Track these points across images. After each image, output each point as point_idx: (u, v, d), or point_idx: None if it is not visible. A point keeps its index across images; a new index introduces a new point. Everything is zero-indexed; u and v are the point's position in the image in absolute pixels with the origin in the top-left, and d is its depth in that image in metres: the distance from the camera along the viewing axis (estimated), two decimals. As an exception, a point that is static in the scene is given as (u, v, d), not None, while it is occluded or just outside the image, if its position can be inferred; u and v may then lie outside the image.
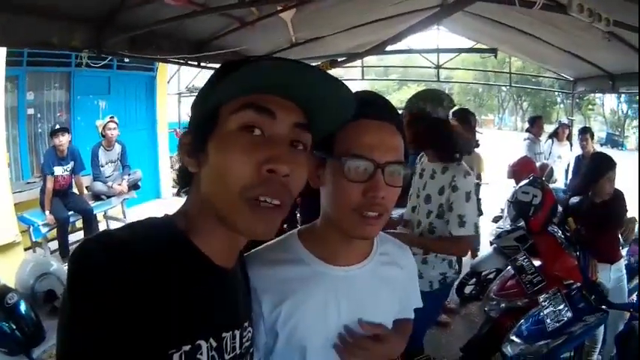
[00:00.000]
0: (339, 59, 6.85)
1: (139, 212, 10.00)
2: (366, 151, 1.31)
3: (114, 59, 10.00)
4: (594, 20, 3.80)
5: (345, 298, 1.47)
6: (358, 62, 13.29)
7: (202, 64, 7.45)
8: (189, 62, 7.42)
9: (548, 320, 3.69)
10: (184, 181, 1.18)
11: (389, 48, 6.27)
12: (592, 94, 24.61)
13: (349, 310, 1.47)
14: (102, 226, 8.43)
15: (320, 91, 1.09)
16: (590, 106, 48.82)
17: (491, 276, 6.55)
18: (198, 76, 15.47)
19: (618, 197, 4.52)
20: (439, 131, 3.52)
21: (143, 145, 11.81)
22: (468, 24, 9.42)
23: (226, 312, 1.15)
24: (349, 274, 1.49)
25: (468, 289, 6.77)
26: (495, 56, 8.28)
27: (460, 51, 11.70)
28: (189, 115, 1.16)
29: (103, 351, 0.85)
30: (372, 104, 1.38)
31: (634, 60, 6.43)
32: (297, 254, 1.48)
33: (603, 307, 3.70)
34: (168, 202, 12.32)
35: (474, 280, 6.73)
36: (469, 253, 6.01)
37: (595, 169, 4.54)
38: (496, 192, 9.59)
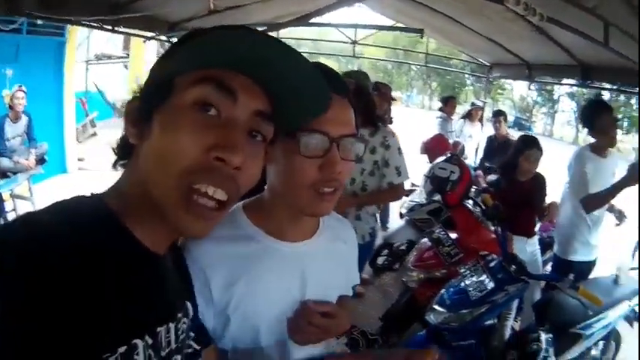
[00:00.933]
0: (259, 29, 6.73)
1: (45, 188, 9.37)
2: (321, 125, 1.25)
3: (24, 23, 9.36)
4: (529, 14, 4.02)
5: (296, 275, 1.45)
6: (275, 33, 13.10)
7: (117, 28, 7.12)
8: (104, 26, 6.89)
9: (471, 290, 3.90)
10: (123, 152, 1.03)
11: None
12: (503, 80, 25.43)
13: (301, 286, 1.45)
14: (8, 206, 7.81)
15: (293, 80, 1.00)
16: (500, 91, 50.52)
17: (403, 247, 6.78)
18: (109, 42, 14.88)
19: (539, 179, 4.85)
20: (366, 99, 3.86)
21: (49, 116, 11.06)
22: (390, 3, 9.58)
23: (161, 304, 1.01)
24: (299, 250, 1.47)
25: (380, 260, 6.98)
26: (422, 36, 8.44)
27: (386, 28, 11.64)
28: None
29: (28, 352, 0.71)
30: (327, 78, 1.39)
31: (553, 52, 6.85)
32: (246, 230, 1.42)
33: (523, 277, 3.96)
34: (74, 177, 11.38)
35: (387, 251, 6.95)
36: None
37: (521, 149, 4.80)
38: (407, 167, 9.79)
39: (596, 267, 4.93)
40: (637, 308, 4.57)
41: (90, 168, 11.71)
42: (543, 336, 3.84)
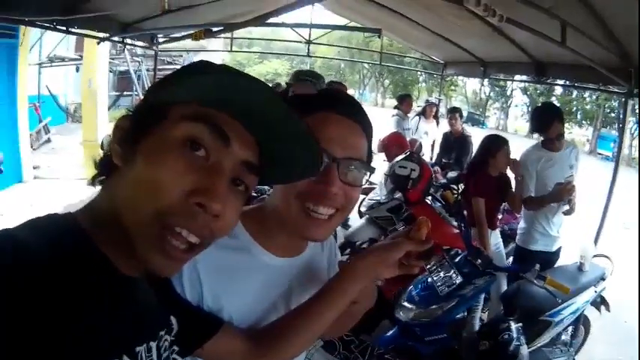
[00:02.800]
0: (214, 29, 6.65)
1: (2, 200, 9.27)
2: (324, 143, 1.18)
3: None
4: (488, 15, 4.11)
5: (283, 290, 1.44)
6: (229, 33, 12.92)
7: (71, 29, 6.95)
8: (59, 27, 6.69)
9: (439, 285, 3.99)
10: (104, 169, 0.95)
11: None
12: (455, 77, 25.82)
13: (285, 301, 1.45)
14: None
15: (287, 139, 0.99)
16: (452, 87, 51.19)
17: (364, 246, 6.71)
18: (61, 44, 14.54)
19: (505, 174, 5.00)
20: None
21: (2, 122, 10.60)
22: (346, 3, 9.68)
23: (138, 324, 0.97)
24: (289, 266, 1.46)
25: (343, 259, 6.99)
26: (379, 36, 8.50)
27: (345, 28, 11.74)
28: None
29: None
30: (339, 99, 1.37)
31: (507, 50, 7.05)
32: (242, 241, 1.37)
33: (490, 270, 4.07)
34: (31, 187, 10.96)
35: (349, 250, 7.02)
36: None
37: (492, 145, 4.94)
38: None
39: (561, 257, 5.14)
40: (603, 293, 4.80)
41: (46, 176, 11.35)
42: (513, 325, 3.95)
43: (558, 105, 49.87)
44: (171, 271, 0.91)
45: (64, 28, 6.76)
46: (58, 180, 9.88)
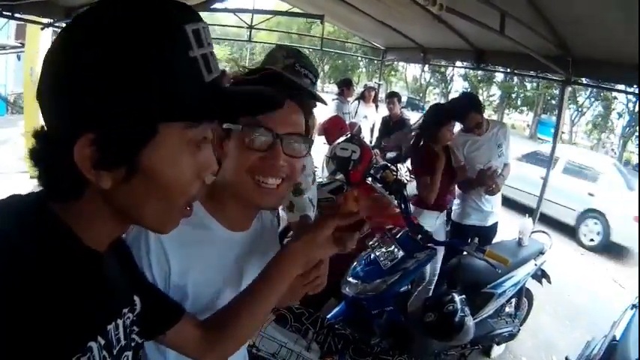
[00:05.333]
0: None
1: None
2: (267, 122, 1.37)
3: None
4: (429, 3, 4.25)
5: (237, 264, 1.55)
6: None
7: (16, 14, 6.80)
8: (4, 12, 6.56)
9: (382, 260, 4.11)
10: (70, 189, 0.86)
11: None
12: (396, 62, 26.02)
13: (238, 274, 1.55)
14: None
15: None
16: (392, 72, 51.47)
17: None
18: (1, 31, 14.00)
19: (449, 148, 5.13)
20: None
21: None
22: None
23: (107, 301, 0.97)
24: (242, 240, 1.57)
25: (285, 241, 7.04)
26: (322, 22, 8.54)
27: (288, 14, 11.69)
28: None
29: None
30: (279, 82, 1.51)
31: (448, 37, 7.25)
32: (200, 218, 1.46)
33: (430, 245, 4.23)
34: None
35: (292, 232, 7.10)
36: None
37: (441, 117, 5.04)
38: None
39: (499, 232, 5.43)
40: (543, 267, 5.08)
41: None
42: (457, 297, 4.11)
43: (500, 92, 51.12)
44: (175, 227, 0.98)
45: (9, 14, 6.56)
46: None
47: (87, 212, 0.88)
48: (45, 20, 7.95)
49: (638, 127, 35.14)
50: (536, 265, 4.91)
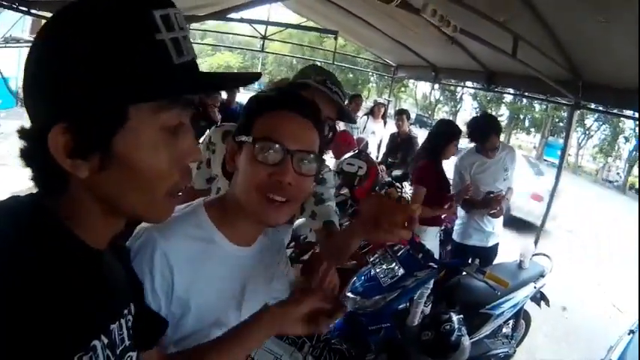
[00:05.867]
0: None
1: None
2: (279, 137, 1.36)
3: None
4: (443, 25, 4.29)
5: (239, 280, 1.51)
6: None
7: (32, 10, 6.59)
8: (20, 7, 6.35)
9: (382, 277, 4.13)
10: (54, 183, 0.87)
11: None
12: (406, 79, 26.08)
13: (240, 290, 1.52)
14: None
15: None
16: (402, 89, 51.45)
17: (308, 239, 6.93)
18: (17, 25, 13.95)
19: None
20: None
21: None
22: (304, 2, 9.77)
23: (109, 300, 0.96)
24: (245, 255, 1.53)
25: (288, 252, 7.05)
26: (336, 38, 8.58)
27: (304, 28, 11.75)
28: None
29: None
30: (295, 99, 1.49)
31: (460, 58, 7.32)
32: (207, 232, 1.45)
33: (431, 264, 4.23)
34: None
35: (294, 244, 7.11)
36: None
37: (448, 132, 5.07)
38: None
39: (503, 256, 5.41)
40: (542, 289, 5.08)
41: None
42: (454, 317, 4.10)
43: (508, 112, 51.08)
44: (170, 215, 0.99)
45: (26, 9, 6.45)
46: (5, 166, 9.45)
47: (77, 207, 0.88)
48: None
49: (638, 151, 35.07)
50: (535, 287, 4.91)
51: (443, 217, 5.30)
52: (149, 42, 0.81)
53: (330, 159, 6.60)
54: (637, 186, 42.76)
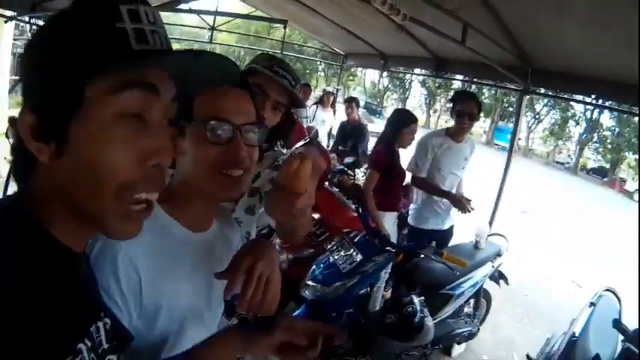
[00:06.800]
0: None
1: None
2: (226, 115, 1.38)
3: None
4: (393, 13, 4.33)
5: (205, 264, 1.48)
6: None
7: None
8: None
9: (341, 263, 4.16)
10: (23, 170, 0.91)
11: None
12: (355, 67, 26.13)
13: (208, 273, 1.45)
14: None
15: (189, 57, 0.94)
16: (351, 77, 51.49)
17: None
18: None
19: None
20: None
21: None
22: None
23: (87, 303, 0.96)
24: (205, 239, 1.51)
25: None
26: (285, 27, 8.57)
27: (252, 18, 11.68)
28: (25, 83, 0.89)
29: None
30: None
31: (409, 45, 7.37)
32: (161, 221, 1.40)
33: (388, 248, 4.29)
34: None
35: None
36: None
37: (401, 120, 5.20)
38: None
39: (458, 237, 5.59)
40: (500, 269, 5.23)
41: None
42: (416, 299, 4.19)
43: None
44: (135, 232, 0.94)
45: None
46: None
47: (43, 199, 0.87)
48: (8, 13, 7.79)
49: (638, 143, 35.93)
50: (493, 266, 5.04)
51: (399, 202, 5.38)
52: (109, 30, 0.83)
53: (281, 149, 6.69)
54: (588, 167, 44.09)
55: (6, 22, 8.41)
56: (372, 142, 6.95)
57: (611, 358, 3.58)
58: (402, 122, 5.16)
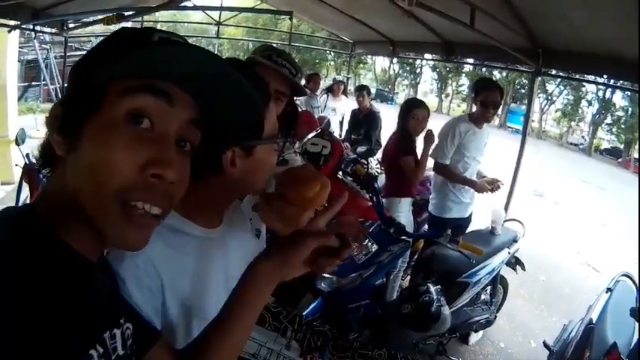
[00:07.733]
0: (126, 13, 6.62)
1: None
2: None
3: None
4: (400, -1, 4.28)
5: (220, 260, 1.47)
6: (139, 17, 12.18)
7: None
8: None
9: (356, 254, 4.14)
10: (47, 159, 0.93)
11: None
12: (364, 55, 26.15)
13: (225, 269, 1.47)
14: None
15: (226, 93, 0.98)
16: (361, 65, 51.48)
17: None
18: None
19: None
20: None
21: None
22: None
23: (102, 309, 0.94)
24: (217, 235, 1.47)
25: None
26: (290, 18, 8.53)
27: (258, 11, 11.69)
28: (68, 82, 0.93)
29: None
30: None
31: (417, 31, 7.29)
32: (174, 222, 1.35)
33: (404, 237, 4.27)
34: None
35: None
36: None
37: (410, 105, 5.27)
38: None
39: (474, 223, 5.54)
40: (517, 254, 5.18)
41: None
42: (432, 288, 4.14)
43: (468, 82, 51.54)
44: (143, 241, 0.91)
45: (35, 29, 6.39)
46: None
47: (58, 207, 0.87)
48: (12, 22, 7.74)
49: (638, 127, 35.62)
50: (509, 253, 5.00)
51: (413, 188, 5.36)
52: (139, 44, 0.88)
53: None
54: (602, 148, 43.80)
55: (9, 31, 8.34)
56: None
57: (629, 346, 3.52)
58: (404, 109, 5.27)
